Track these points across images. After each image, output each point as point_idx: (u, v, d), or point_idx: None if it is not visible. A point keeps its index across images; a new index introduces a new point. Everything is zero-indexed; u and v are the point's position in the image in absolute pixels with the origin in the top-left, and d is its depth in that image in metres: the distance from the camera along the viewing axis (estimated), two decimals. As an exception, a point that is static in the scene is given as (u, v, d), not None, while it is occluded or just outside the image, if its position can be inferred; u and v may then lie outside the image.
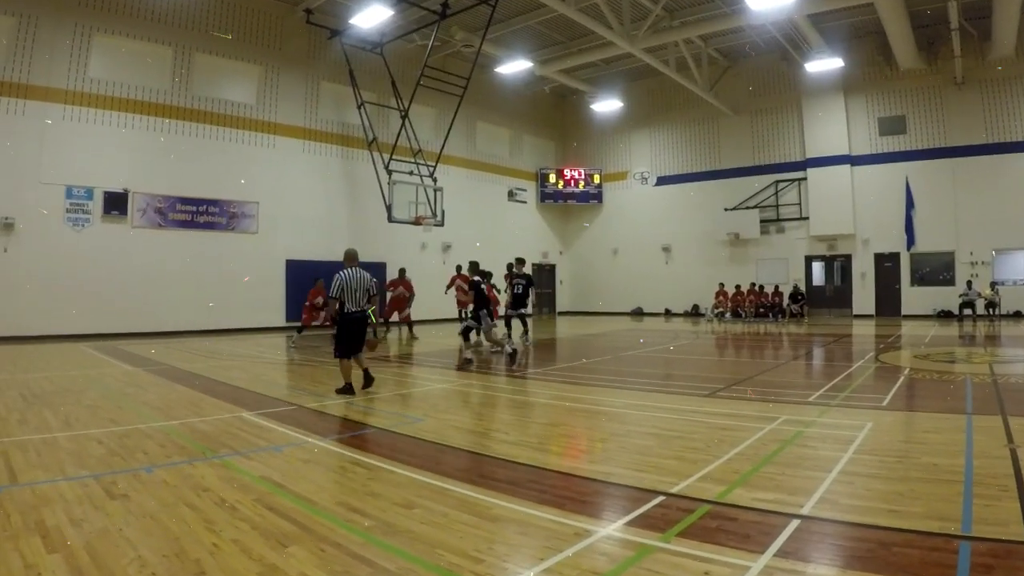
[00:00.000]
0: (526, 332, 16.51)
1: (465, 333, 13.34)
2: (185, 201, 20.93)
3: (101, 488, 4.94)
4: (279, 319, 22.75)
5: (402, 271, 20.26)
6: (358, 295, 8.97)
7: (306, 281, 22.49)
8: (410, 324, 19.79)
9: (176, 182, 20.68)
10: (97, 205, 19.21)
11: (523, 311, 15.62)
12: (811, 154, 27.38)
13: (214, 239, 21.45)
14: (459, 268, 19.45)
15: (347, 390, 9.04)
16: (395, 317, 20.50)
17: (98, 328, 18.98)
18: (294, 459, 5.78)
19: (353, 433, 6.83)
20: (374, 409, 8.10)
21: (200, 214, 21.23)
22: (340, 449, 6.12)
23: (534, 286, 16.34)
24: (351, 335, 9.10)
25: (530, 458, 5.72)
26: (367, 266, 25.83)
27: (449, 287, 18.65)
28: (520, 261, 15.52)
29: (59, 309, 18.33)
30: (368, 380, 9.36)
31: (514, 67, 25.81)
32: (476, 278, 13.45)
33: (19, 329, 17.66)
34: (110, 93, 19.59)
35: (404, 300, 19.64)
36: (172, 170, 20.58)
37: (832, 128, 26.83)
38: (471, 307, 13.84)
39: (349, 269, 9.04)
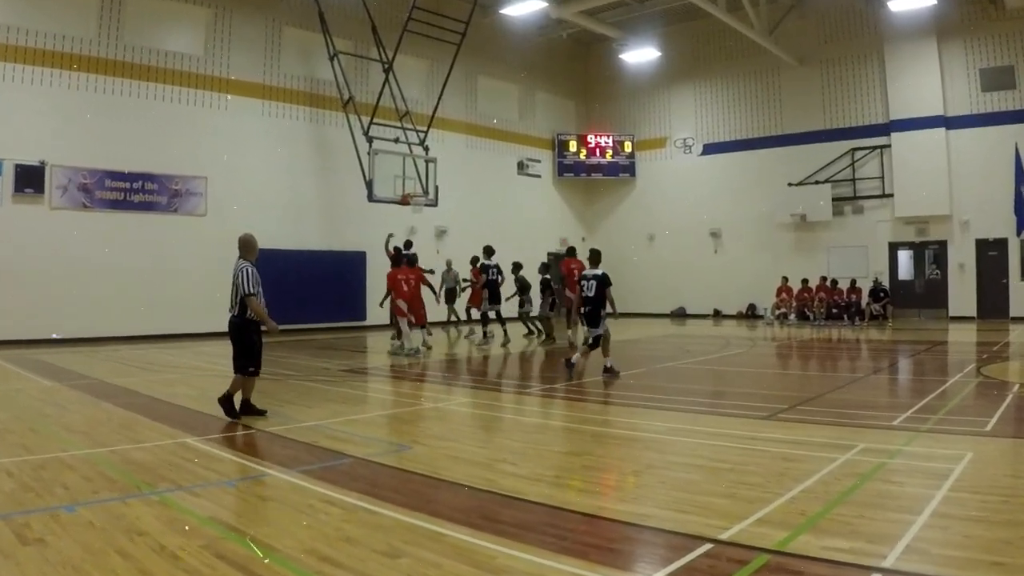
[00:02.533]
0: (506, 337, 18.71)
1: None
2: (116, 176, 20.95)
3: (11, 531, 4.91)
4: None
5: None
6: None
7: (268, 274, 22.45)
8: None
9: (105, 153, 20.67)
10: (6, 181, 19.23)
11: (498, 307, 18.96)
12: (896, 115, 27.35)
13: (153, 223, 21.48)
14: (475, 260, 21.01)
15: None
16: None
17: (8, 334, 18.96)
18: (251, 496, 5.83)
19: (325, 464, 6.86)
20: (351, 434, 8.17)
21: (135, 192, 21.25)
22: (308, 483, 6.13)
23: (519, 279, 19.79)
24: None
25: (545, 495, 5.74)
26: (344, 256, 25.67)
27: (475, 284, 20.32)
28: (489, 251, 18.92)
29: (-41, 310, 18.39)
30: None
31: (525, 8, 25.81)
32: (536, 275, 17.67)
33: (-88, 335, 17.69)
34: (20, 43, 19.55)
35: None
36: (100, 138, 20.58)
37: (922, 82, 26.72)
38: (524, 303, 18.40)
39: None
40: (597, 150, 33.90)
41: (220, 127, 22.94)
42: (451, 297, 22.81)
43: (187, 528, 5.02)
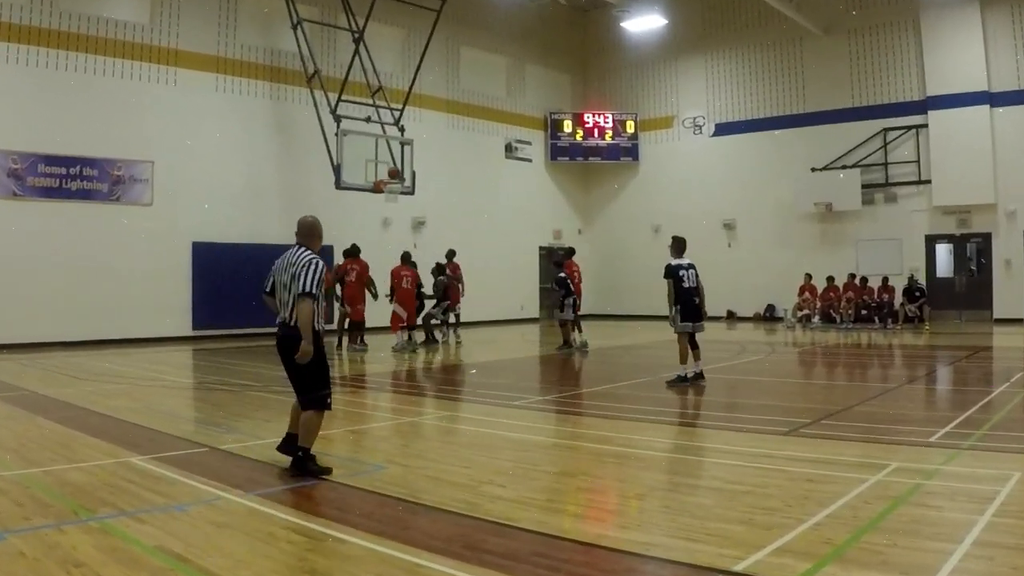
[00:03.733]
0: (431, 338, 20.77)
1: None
2: (51, 160, 20.91)
3: (-69, 565, 4.86)
4: (184, 326, 22.96)
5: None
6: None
7: (222, 272, 22.48)
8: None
9: (38, 134, 20.65)
10: None
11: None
12: (934, 91, 27.43)
13: (92, 214, 21.45)
14: (451, 254, 22.04)
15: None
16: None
17: None
18: (203, 522, 5.80)
19: (287, 486, 6.89)
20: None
21: (72, 179, 21.21)
22: (269, 508, 6.14)
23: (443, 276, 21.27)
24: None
25: (536, 521, 5.75)
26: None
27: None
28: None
29: None
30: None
31: (514, -31, 25.79)
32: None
33: None
34: (-64, 7, 19.58)
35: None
36: (32, 118, 20.58)
37: (964, 54, 26.75)
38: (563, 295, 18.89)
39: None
40: (595, 131, 33.94)
41: (168, 105, 22.82)
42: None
43: (131, 559, 5.00)
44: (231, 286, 22.17)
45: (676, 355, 12.87)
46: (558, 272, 19.56)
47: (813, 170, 29.61)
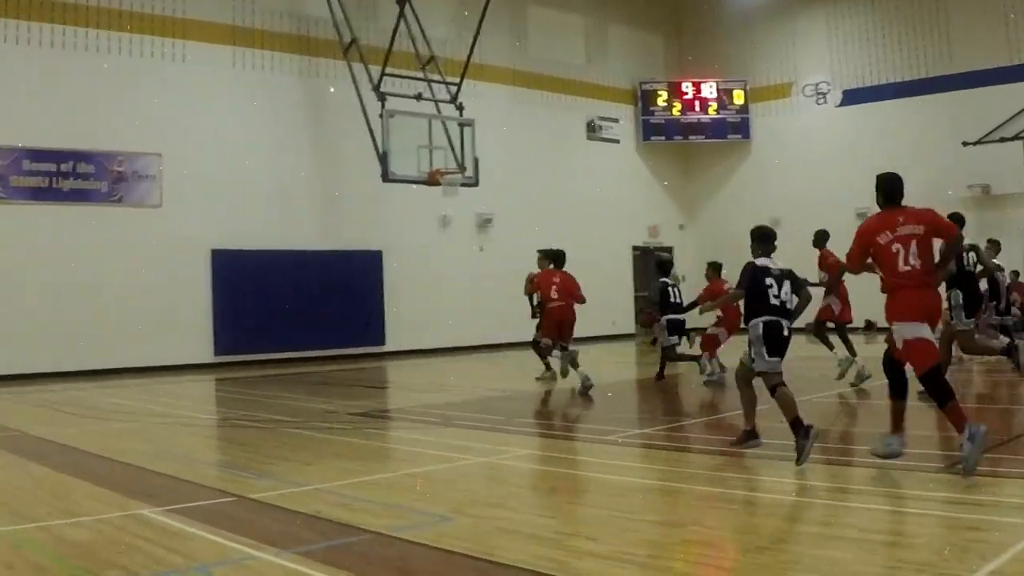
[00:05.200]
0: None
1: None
2: (38, 155, 21.02)
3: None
4: (203, 351, 23.01)
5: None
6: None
7: (248, 285, 22.19)
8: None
9: (22, 124, 20.72)
10: None
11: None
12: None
13: (89, 218, 21.50)
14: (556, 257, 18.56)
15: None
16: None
17: None
18: None
19: (332, 542, 6.81)
20: (368, 500, 8.24)
21: (64, 176, 21.30)
22: (310, 569, 5.99)
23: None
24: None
25: None
26: (351, 257, 25.38)
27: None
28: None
29: None
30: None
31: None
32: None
33: None
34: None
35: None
36: (14, 105, 20.64)
37: None
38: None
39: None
40: (696, 103, 33.88)
41: (176, 86, 22.92)
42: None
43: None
44: (259, 302, 22.98)
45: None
46: (660, 278, 17.67)
47: (964, 144, 29.02)
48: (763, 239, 10.40)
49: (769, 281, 9.93)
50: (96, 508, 7.94)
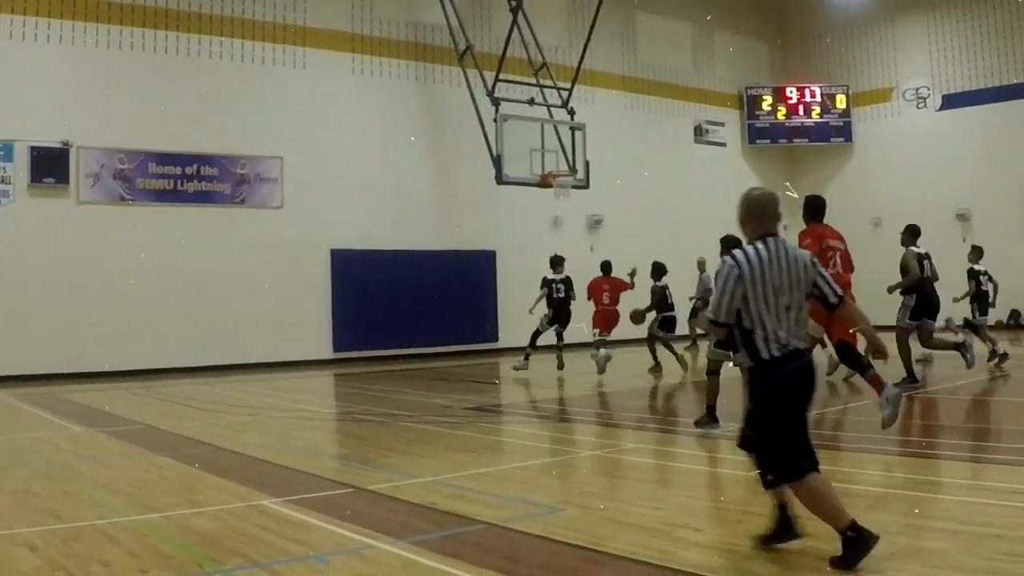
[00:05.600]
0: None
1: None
2: (164, 159, 21.26)
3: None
4: (323, 348, 23.18)
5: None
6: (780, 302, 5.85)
7: (367, 284, 22.85)
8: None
9: (148, 129, 20.96)
10: (19, 169, 19.62)
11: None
12: None
13: (212, 219, 21.82)
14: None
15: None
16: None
17: (24, 367, 19.27)
18: (348, 574, 5.89)
19: (446, 532, 6.90)
20: (481, 492, 8.33)
21: (188, 179, 21.56)
22: (425, 559, 6.10)
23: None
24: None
25: (740, 571, 5.80)
26: (466, 258, 25.51)
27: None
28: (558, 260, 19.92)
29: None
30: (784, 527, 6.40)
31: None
32: None
33: None
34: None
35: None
36: (141, 111, 20.86)
37: None
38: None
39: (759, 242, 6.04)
40: (800, 107, 33.76)
41: (297, 92, 23.19)
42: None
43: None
44: (376, 301, 22.98)
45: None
46: (656, 283, 19.50)
47: (1063, 147, 28.81)
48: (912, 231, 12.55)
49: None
50: (219, 499, 8.10)
